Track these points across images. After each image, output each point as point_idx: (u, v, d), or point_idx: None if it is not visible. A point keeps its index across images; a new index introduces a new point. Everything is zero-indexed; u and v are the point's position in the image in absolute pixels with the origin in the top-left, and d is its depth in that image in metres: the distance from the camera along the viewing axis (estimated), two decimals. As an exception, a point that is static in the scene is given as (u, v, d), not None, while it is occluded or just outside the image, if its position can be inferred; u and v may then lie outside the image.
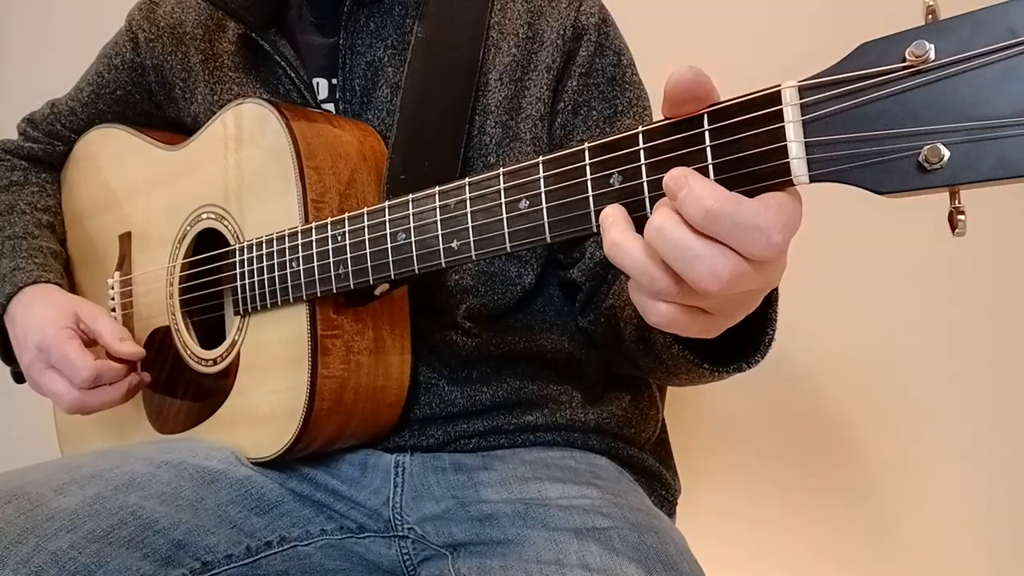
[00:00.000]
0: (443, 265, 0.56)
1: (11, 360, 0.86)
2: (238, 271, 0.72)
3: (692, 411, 1.20)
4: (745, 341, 0.55)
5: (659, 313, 0.44)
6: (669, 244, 0.40)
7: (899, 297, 1.11)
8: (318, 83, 0.79)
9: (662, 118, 0.44)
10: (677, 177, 0.40)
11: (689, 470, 0.89)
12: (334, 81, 0.78)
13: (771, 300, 0.53)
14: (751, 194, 0.40)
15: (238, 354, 0.73)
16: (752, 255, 0.39)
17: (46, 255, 0.87)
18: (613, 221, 0.44)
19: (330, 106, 0.78)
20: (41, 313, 0.79)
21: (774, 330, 0.55)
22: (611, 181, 0.46)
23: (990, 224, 0.94)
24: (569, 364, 0.77)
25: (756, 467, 1.18)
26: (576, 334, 0.78)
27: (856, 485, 1.14)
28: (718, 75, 0.42)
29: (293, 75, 0.77)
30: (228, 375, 0.73)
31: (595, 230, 0.46)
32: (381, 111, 0.76)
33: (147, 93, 0.89)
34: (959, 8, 0.36)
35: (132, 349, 0.77)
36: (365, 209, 0.61)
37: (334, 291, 0.64)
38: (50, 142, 0.96)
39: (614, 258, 0.44)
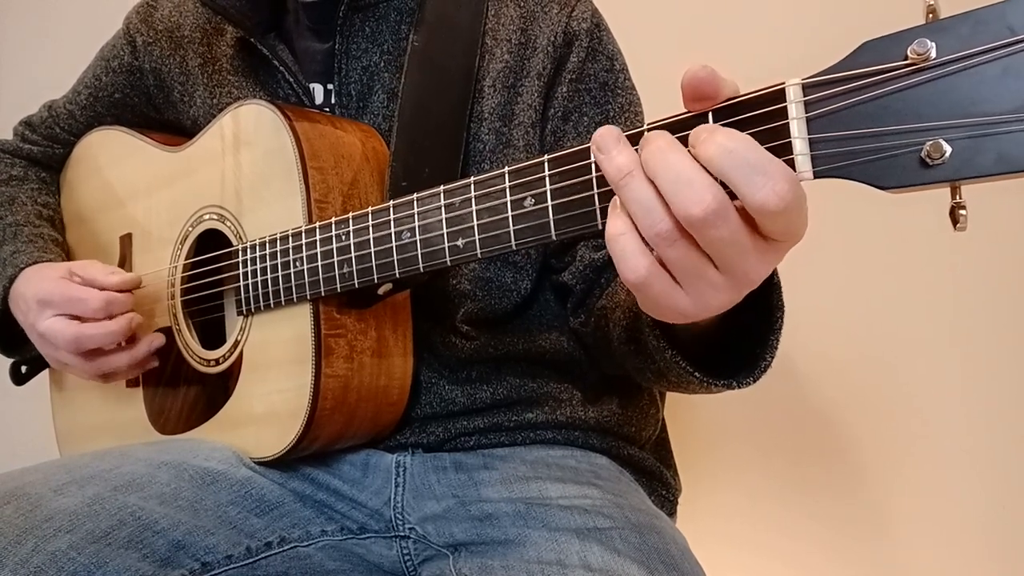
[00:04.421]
0: (448, 263, 0.56)
1: (13, 350, 0.85)
2: (241, 271, 0.72)
3: (692, 411, 1.19)
4: (742, 360, 0.56)
5: (634, 269, 0.43)
6: (670, 165, 0.40)
7: (900, 294, 1.11)
8: (314, 88, 0.79)
9: (663, 118, 0.45)
10: (700, 128, 0.41)
11: (689, 470, 0.89)
12: (330, 87, 0.79)
13: (773, 326, 0.53)
14: None
15: (241, 354, 0.73)
16: (755, 200, 0.39)
17: (46, 240, 0.87)
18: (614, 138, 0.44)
19: (326, 111, 0.78)
20: (40, 277, 0.79)
21: (773, 356, 0.55)
22: (617, 179, 0.46)
23: (991, 220, 0.95)
24: (569, 363, 0.77)
25: (756, 466, 1.18)
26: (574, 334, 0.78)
27: (856, 484, 1.14)
28: (722, 73, 0.42)
29: (291, 80, 0.77)
30: (230, 375, 0.73)
31: (600, 228, 0.47)
32: (377, 116, 0.76)
33: (145, 96, 0.89)
34: (959, 7, 0.37)
35: (123, 278, 0.77)
36: (370, 208, 0.61)
37: (338, 291, 0.64)
38: (49, 145, 0.96)
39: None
